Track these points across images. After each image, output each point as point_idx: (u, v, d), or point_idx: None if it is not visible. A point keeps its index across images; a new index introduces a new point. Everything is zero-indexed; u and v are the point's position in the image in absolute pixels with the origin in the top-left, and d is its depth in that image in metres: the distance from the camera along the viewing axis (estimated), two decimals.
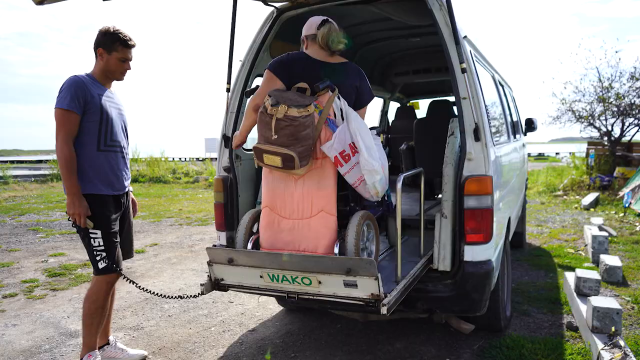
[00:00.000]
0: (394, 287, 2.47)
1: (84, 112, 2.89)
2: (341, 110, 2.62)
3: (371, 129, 2.76)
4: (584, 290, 3.93)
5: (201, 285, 2.68)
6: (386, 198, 3.18)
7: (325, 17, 2.79)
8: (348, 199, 2.82)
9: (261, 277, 2.47)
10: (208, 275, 2.67)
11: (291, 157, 2.44)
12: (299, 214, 2.65)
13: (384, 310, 2.22)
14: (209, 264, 2.62)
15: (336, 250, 2.57)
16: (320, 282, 2.33)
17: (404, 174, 2.65)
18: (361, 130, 2.56)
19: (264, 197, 2.78)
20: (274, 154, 2.48)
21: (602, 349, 2.98)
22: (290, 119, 2.43)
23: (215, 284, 2.67)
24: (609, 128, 13.56)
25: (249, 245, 2.82)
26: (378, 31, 5.08)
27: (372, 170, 2.53)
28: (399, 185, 2.50)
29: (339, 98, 2.62)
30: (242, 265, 2.50)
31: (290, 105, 2.45)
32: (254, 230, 2.90)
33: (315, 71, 2.69)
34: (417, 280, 2.78)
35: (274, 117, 2.45)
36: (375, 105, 7.56)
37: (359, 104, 2.80)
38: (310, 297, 2.42)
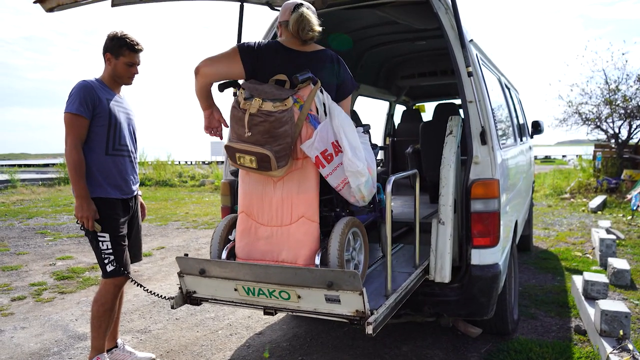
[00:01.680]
0: (383, 303, 2.24)
1: (92, 117, 2.91)
2: (324, 105, 2.37)
3: (362, 126, 2.59)
4: (592, 293, 3.92)
5: (171, 299, 2.49)
6: (378, 202, 2.93)
7: (299, 2, 2.49)
8: (333, 203, 2.58)
9: (236, 290, 2.29)
10: (179, 288, 2.50)
11: (267, 156, 2.20)
12: (278, 221, 2.42)
13: (369, 330, 2.00)
14: (180, 275, 2.44)
15: (317, 261, 2.31)
16: (299, 297, 2.14)
17: (395, 176, 2.46)
18: (345, 127, 2.32)
19: (240, 202, 2.55)
20: (247, 153, 2.24)
21: (611, 353, 2.96)
22: (265, 114, 2.19)
23: (187, 297, 2.47)
24: (616, 130, 13.50)
25: (224, 255, 2.59)
26: (384, 34, 5.09)
27: (356, 172, 2.30)
28: (389, 187, 2.35)
29: (321, 91, 2.37)
30: (214, 277, 2.31)
31: (265, 99, 2.21)
32: (231, 237, 2.67)
33: (286, 61, 2.43)
34: (411, 294, 2.61)
35: (247, 112, 2.22)
36: (381, 109, 7.57)
37: (340, 95, 2.52)
38: (290, 312, 2.25)
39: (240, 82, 2.47)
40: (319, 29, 2.43)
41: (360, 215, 2.77)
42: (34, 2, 2.05)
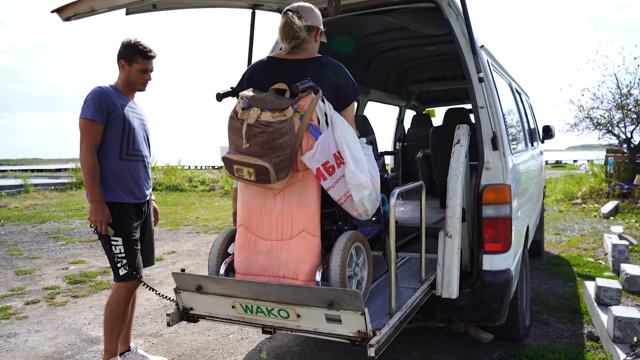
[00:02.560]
0: (386, 323, 2.16)
1: (107, 122, 2.95)
2: (326, 115, 2.29)
3: (365, 136, 2.51)
4: (605, 299, 3.89)
5: (167, 315, 2.40)
6: (383, 213, 2.80)
7: (291, 6, 2.41)
8: (335, 216, 2.48)
9: (233, 307, 2.21)
10: (175, 304, 2.42)
11: (265, 169, 2.11)
12: (278, 235, 2.34)
13: (371, 352, 1.93)
14: (176, 291, 2.37)
15: (318, 277, 2.22)
16: (299, 316, 2.07)
17: (400, 188, 2.40)
18: (347, 138, 2.23)
19: (239, 214, 2.47)
20: (245, 165, 2.16)
21: None
22: (264, 125, 2.11)
23: (184, 314, 2.40)
24: (628, 135, 13.40)
25: (222, 269, 2.51)
26: (394, 40, 5.11)
27: (359, 185, 2.19)
28: (394, 200, 2.25)
29: (323, 101, 2.29)
30: (212, 294, 2.24)
31: (264, 109, 2.14)
32: (230, 251, 2.59)
33: (276, 73, 2.38)
34: (417, 311, 2.51)
35: (245, 122, 2.14)
36: (391, 114, 7.59)
37: (341, 104, 2.40)
38: (290, 332, 2.17)
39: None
40: (303, 34, 2.35)
41: (365, 227, 2.68)
42: (52, 12, 2.10)
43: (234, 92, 2.45)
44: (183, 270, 2.47)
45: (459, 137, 2.85)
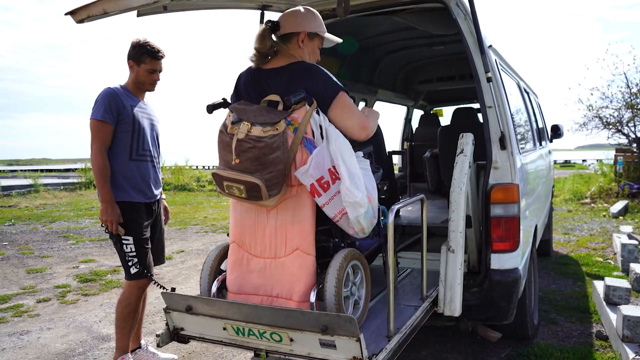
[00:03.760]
0: (384, 347, 2.05)
1: (117, 123, 2.99)
2: (320, 127, 2.18)
3: (361, 149, 2.37)
4: (614, 299, 3.88)
5: (157, 336, 2.35)
6: (383, 226, 2.63)
7: (266, 21, 2.35)
8: (331, 232, 2.36)
9: (225, 329, 2.13)
10: (166, 324, 2.36)
11: (256, 185, 2.02)
12: (272, 252, 2.24)
13: None
14: (166, 311, 2.29)
15: (313, 298, 2.12)
16: (292, 340, 1.98)
17: (398, 205, 2.27)
18: (343, 152, 2.11)
19: (231, 231, 2.39)
20: (236, 182, 2.06)
21: (633, 359, 2.94)
22: (254, 140, 2.01)
23: (175, 334, 2.34)
24: (638, 134, 13.30)
25: (214, 287, 2.43)
26: (402, 40, 5.12)
27: (354, 203, 2.07)
28: (392, 217, 2.12)
29: (317, 112, 2.19)
30: (202, 315, 2.17)
31: (255, 123, 2.04)
32: (223, 267, 2.50)
33: (258, 83, 2.32)
34: (417, 331, 2.40)
35: (234, 137, 2.04)
36: (399, 113, 7.59)
37: (323, 105, 2.23)
38: (282, 356, 2.08)
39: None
40: (267, 43, 2.28)
41: (365, 240, 2.56)
42: (65, 14, 2.13)
43: (225, 104, 2.36)
44: (173, 289, 2.42)
45: (463, 146, 2.77)
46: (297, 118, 2.13)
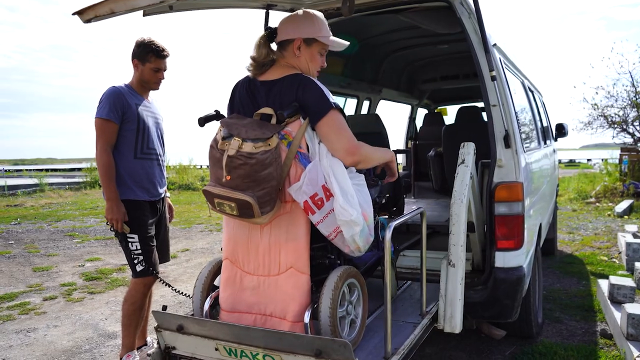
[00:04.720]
0: None
1: (122, 121, 3.01)
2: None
3: (353, 167, 2.23)
4: (618, 297, 3.88)
5: (148, 355, 2.30)
6: (381, 239, 2.54)
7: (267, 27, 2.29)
8: (327, 249, 2.28)
9: (217, 349, 2.08)
10: (157, 343, 2.30)
11: (248, 203, 1.94)
12: (265, 270, 2.17)
13: None
14: (157, 329, 2.24)
15: (307, 318, 2.05)
16: None
17: (396, 222, 2.17)
18: (335, 168, 2.03)
19: (224, 247, 2.33)
20: (227, 199, 1.99)
21: (638, 357, 2.94)
22: (245, 157, 1.93)
23: (166, 354, 2.27)
24: None
25: (207, 304, 2.38)
26: (406, 39, 5.13)
27: (349, 222, 1.99)
28: (389, 234, 2.05)
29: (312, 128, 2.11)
30: (194, 335, 2.13)
31: (246, 139, 1.96)
32: (217, 283, 2.44)
33: (253, 95, 2.23)
34: (416, 350, 2.31)
35: (225, 153, 1.97)
36: (403, 112, 7.59)
37: (313, 119, 2.10)
38: None
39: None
40: (264, 51, 2.20)
41: (362, 255, 2.42)
42: (73, 14, 2.15)
43: (217, 116, 2.28)
44: (165, 307, 2.38)
45: (464, 156, 2.72)
46: (291, 132, 2.06)
